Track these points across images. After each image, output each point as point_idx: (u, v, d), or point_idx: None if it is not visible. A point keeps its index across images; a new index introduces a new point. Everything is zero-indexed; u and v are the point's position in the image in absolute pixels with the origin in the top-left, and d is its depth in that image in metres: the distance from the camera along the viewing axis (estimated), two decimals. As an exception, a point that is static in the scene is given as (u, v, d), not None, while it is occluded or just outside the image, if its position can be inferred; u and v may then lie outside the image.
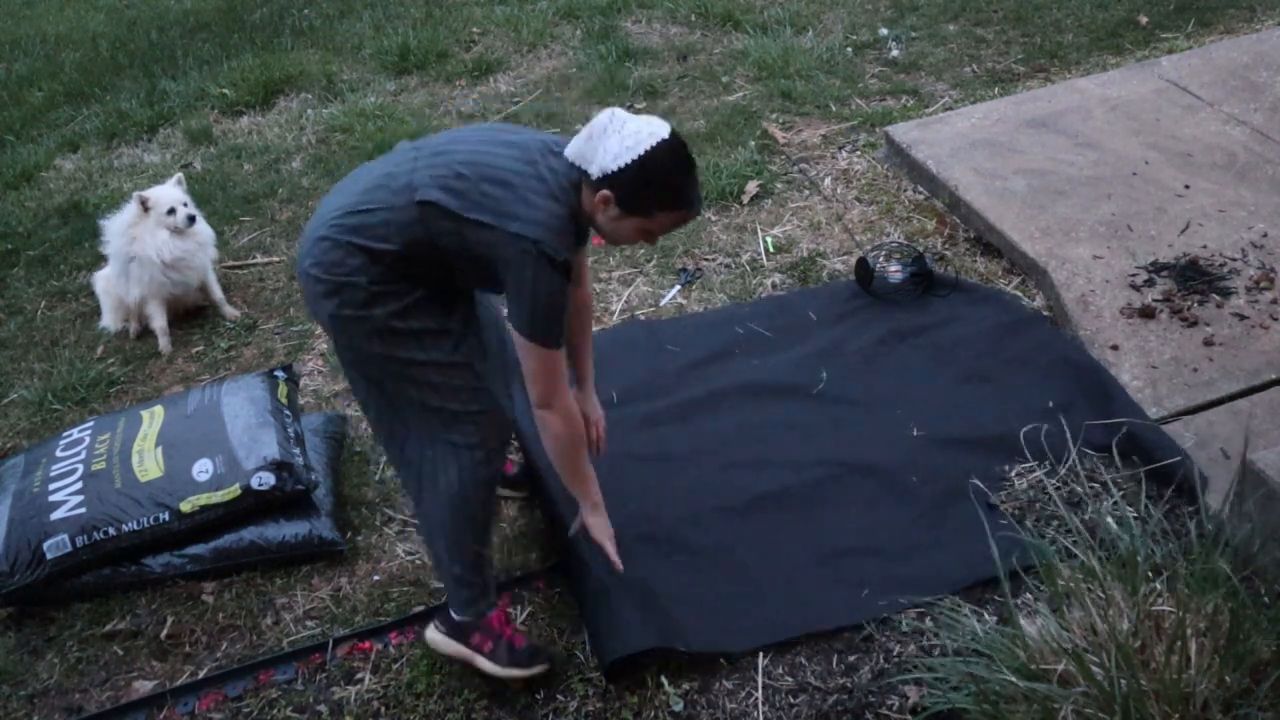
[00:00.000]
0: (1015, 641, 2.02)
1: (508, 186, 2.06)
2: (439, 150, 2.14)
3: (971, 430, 2.94)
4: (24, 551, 2.67)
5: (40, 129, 5.41)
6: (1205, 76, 4.33)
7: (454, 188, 2.07)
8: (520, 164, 2.09)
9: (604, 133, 2.06)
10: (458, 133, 2.23)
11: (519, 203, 2.05)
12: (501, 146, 2.13)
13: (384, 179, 2.14)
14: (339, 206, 2.15)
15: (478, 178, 2.07)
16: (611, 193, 2.08)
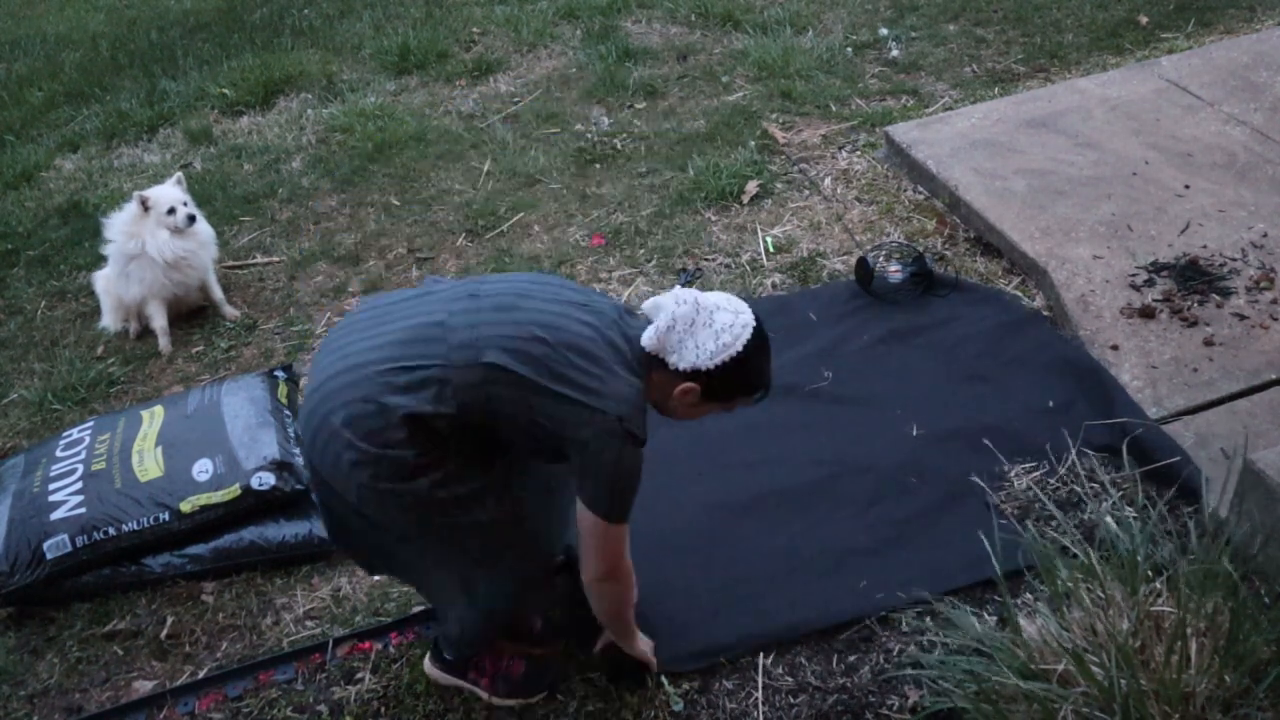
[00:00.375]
0: (1015, 641, 2.02)
1: (591, 358, 1.89)
2: (504, 305, 1.92)
3: (971, 430, 2.94)
4: (24, 551, 2.67)
5: (40, 129, 5.41)
6: (1205, 76, 4.33)
7: (530, 354, 1.86)
8: (595, 332, 1.92)
9: (692, 327, 1.92)
10: (517, 283, 2.00)
11: (603, 377, 1.88)
12: (574, 309, 1.94)
13: (435, 330, 1.89)
14: (383, 359, 1.88)
15: (558, 344, 1.87)
16: (698, 385, 1.96)
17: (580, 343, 1.89)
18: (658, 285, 3.69)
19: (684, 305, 1.94)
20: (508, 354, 1.85)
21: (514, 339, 1.87)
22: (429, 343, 1.88)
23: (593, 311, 1.96)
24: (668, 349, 1.94)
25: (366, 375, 1.87)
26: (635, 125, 4.73)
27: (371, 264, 3.99)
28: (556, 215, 4.16)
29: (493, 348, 1.86)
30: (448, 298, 1.96)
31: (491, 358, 1.85)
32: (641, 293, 3.66)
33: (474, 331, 1.88)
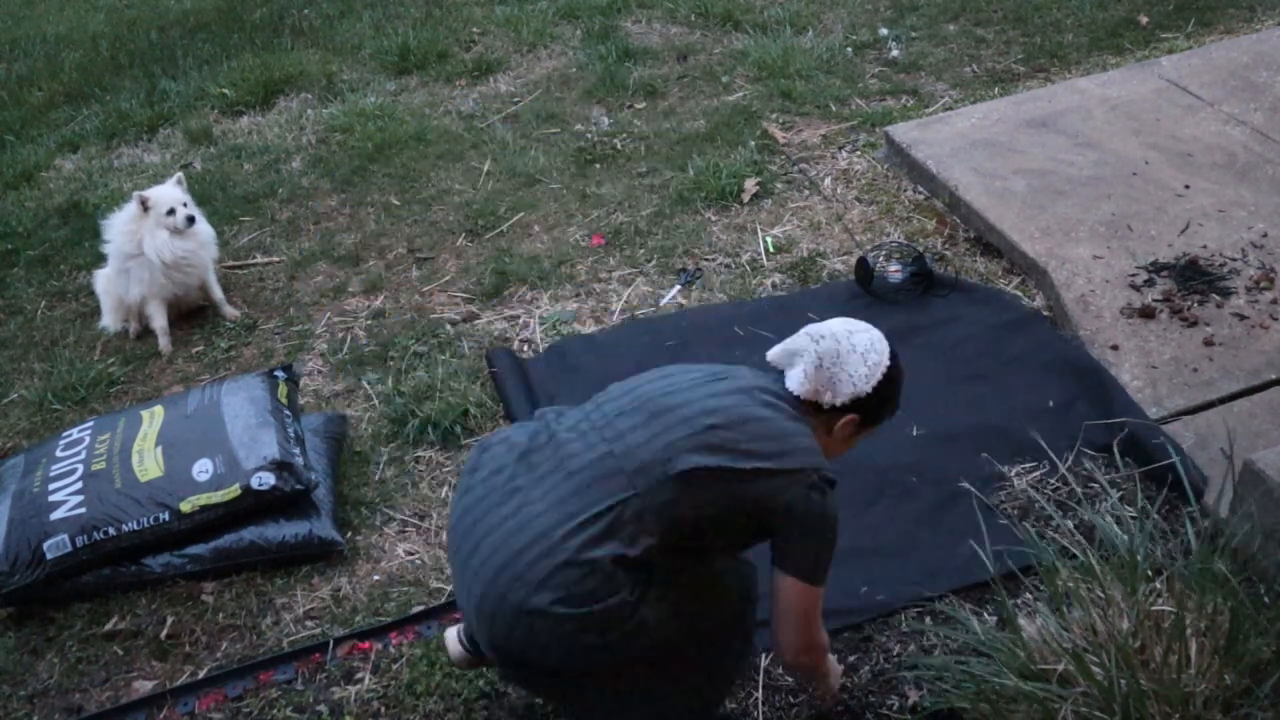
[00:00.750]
0: (1015, 642, 2.02)
1: (763, 424, 1.85)
2: (658, 410, 1.86)
3: (971, 430, 2.94)
4: (24, 551, 2.67)
5: (40, 129, 5.41)
6: (1205, 76, 4.33)
7: (712, 444, 1.80)
8: (749, 398, 1.89)
9: (838, 358, 1.92)
10: (650, 386, 1.94)
11: (782, 437, 1.85)
12: (717, 385, 1.91)
13: (607, 463, 1.81)
14: (566, 517, 1.78)
15: (731, 424, 1.83)
16: (858, 414, 1.96)
17: (746, 413, 1.86)
18: (658, 285, 3.69)
19: (824, 341, 1.93)
20: (694, 454, 1.80)
21: (690, 437, 1.81)
22: (606, 479, 1.81)
23: (733, 380, 1.93)
24: (822, 388, 1.93)
25: (555, 542, 1.76)
26: (635, 125, 4.73)
27: (371, 264, 3.99)
28: (556, 215, 4.16)
29: (676, 456, 1.80)
30: (591, 428, 1.89)
31: (681, 466, 1.79)
32: (641, 293, 3.66)
33: (649, 448, 1.81)
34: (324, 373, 3.49)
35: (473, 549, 1.84)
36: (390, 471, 3.06)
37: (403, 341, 3.54)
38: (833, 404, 1.94)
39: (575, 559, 1.75)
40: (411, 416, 3.17)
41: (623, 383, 2.00)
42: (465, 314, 3.66)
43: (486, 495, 1.88)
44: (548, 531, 1.77)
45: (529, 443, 1.92)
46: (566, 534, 1.76)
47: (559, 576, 1.75)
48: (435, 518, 2.90)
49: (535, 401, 3.16)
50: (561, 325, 3.54)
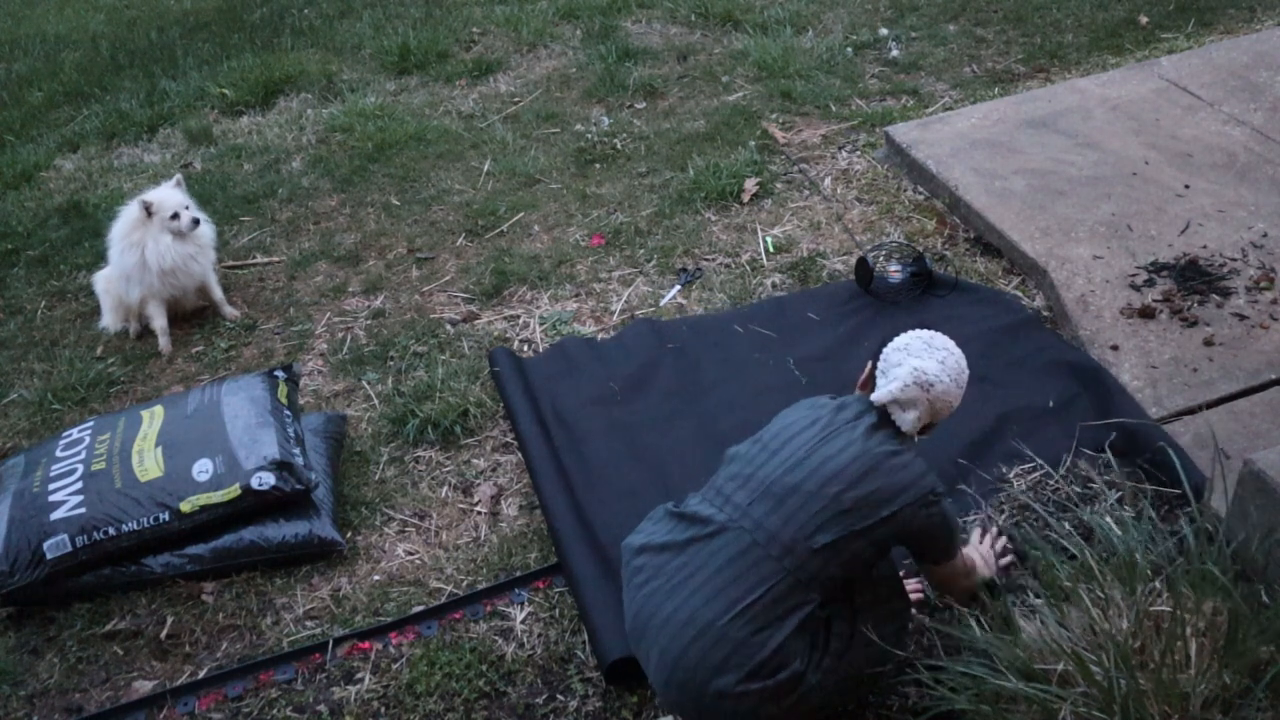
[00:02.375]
0: (1014, 642, 2.02)
1: (876, 470, 2.05)
2: (785, 493, 2.06)
3: (971, 430, 2.94)
4: (24, 551, 2.67)
5: (40, 129, 5.41)
6: (1205, 76, 4.33)
7: (842, 510, 2.02)
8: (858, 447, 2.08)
9: (946, 394, 2.16)
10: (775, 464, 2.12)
11: (895, 472, 2.06)
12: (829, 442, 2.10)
13: (753, 552, 2.03)
14: (728, 606, 2.00)
15: (853, 482, 2.03)
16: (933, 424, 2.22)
17: (862, 468, 2.04)
18: (658, 285, 3.69)
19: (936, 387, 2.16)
20: (829, 527, 2.01)
21: (821, 512, 2.01)
22: (756, 566, 2.02)
23: (838, 429, 2.12)
24: (930, 420, 2.19)
25: (722, 630, 1.99)
26: (635, 125, 4.73)
27: (371, 264, 3.99)
28: (556, 215, 4.16)
29: (814, 532, 2.01)
30: (729, 520, 2.08)
31: (821, 540, 2.00)
32: (641, 293, 3.66)
33: (788, 530, 2.02)
34: (324, 373, 3.49)
35: (650, 647, 2.09)
36: (390, 471, 3.06)
37: (403, 341, 3.54)
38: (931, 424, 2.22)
39: (746, 640, 1.97)
40: (411, 416, 3.17)
41: (742, 457, 2.19)
42: (465, 314, 3.66)
43: (651, 597, 2.10)
44: (710, 623, 1.99)
45: (678, 540, 2.13)
46: (730, 621, 1.98)
47: (736, 658, 1.97)
48: (435, 518, 2.90)
49: (535, 401, 3.16)
50: (561, 325, 3.54)
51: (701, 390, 3.18)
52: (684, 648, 2.01)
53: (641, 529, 2.25)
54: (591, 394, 3.18)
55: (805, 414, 2.21)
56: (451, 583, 2.71)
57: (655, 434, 3.04)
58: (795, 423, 2.19)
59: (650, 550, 2.16)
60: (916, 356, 2.19)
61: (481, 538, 2.83)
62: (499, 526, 2.85)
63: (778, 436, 2.17)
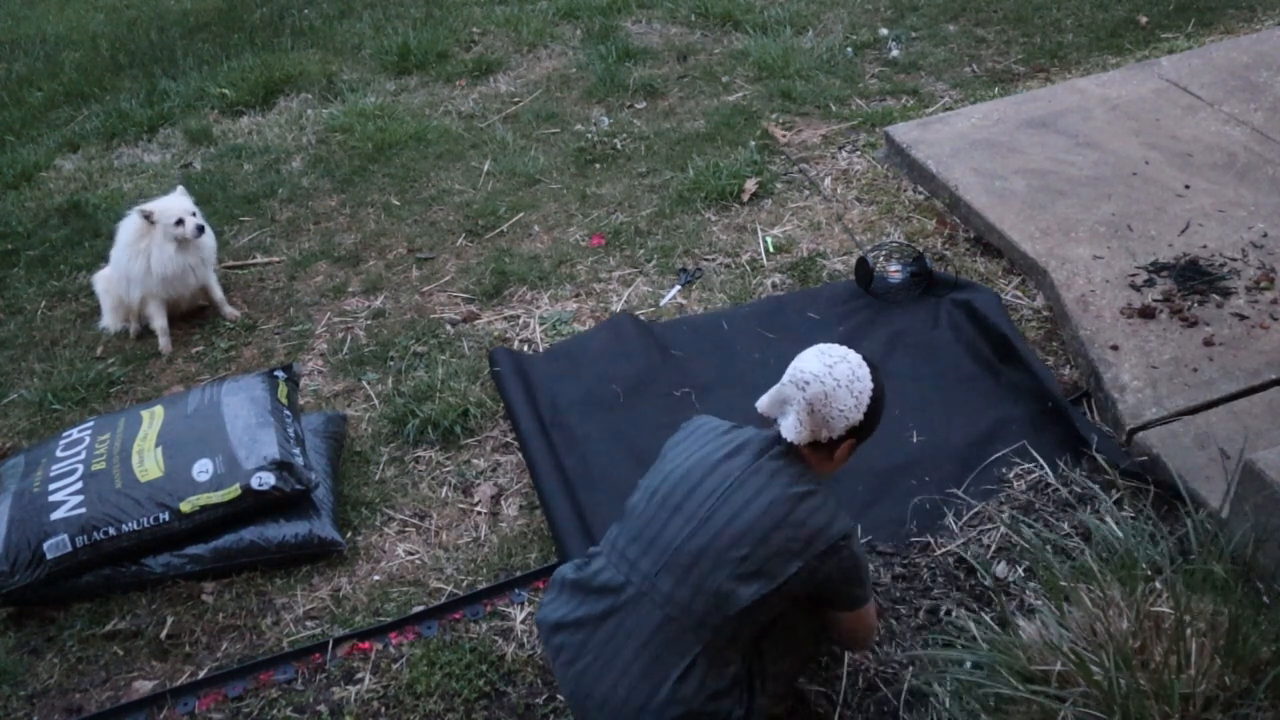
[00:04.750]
0: (1014, 643, 2.02)
1: (782, 525, 1.97)
2: (690, 562, 1.98)
3: (971, 431, 2.94)
4: (24, 551, 2.67)
5: (40, 129, 5.41)
6: (1205, 76, 4.33)
7: (750, 573, 1.95)
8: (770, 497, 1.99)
9: (827, 399, 2.03)
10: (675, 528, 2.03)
11: (802, 524, 1.97)
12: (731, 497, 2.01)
13: (666, 630, 1.98)
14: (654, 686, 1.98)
15: (758, 543, 1.96)
16: (854, 437, 2.09)
17: (766, 525, 1.97)
18: (658, 285, 3.69)
19: (810, 386, 2.04)
20: (740, 592, 1.95)
21: (731, 579, 1.95)
22: (675, 641, 1.98)
23: (740, 480, 2.03)
24: (818, 429, 2.04)
25: (659, 711, 1.96)
26: (635, 125, 4.73)
27: (371, 264, 3.99)
28: (556, 215, 4.16)
29: (725, 600, 1.95)
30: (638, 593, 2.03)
31: (735, 607, 1.95)
32: (641, 293, 3.66)
33: (700, 601, 1.96)
34: (324, 373, 3.49)
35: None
36: (390, 471, 3.06)
37: (403, 341, 3.54)
38: (830, 438, 2.06)
39: (684, 714, 1.95)
40: (411, 416, 3.17)
41: (641, 515, 2.10)
42: (465, 314, 3.66)
43: (582, 678, 2.06)
44: (645, 705, 1.97)
45: (594, 615, 2.08)
46: (664, 702, 1.96)
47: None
48: (435, 518, 2.90)
49: (535, 401, 3.15)
50: (561, 325, 3.54)
51: (701, 391, 3.18)
52: None
53: (549, 600, 2.18)
54: (592, 395, 3.18)
55: (701, 456, 2.10)
56: (451, 583, 2.71)
57: (654, 434, 3.03)
58: (693, 470, 2.08)
59: (567, 628, 2.11)
60: (801, 359, 2.10)
61: (481, 538, 2.83)
62: (499, 526, 2.85)
63: (676, 489, 2.07)
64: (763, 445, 2.09)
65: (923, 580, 2.57)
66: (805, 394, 2.03)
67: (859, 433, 2.08)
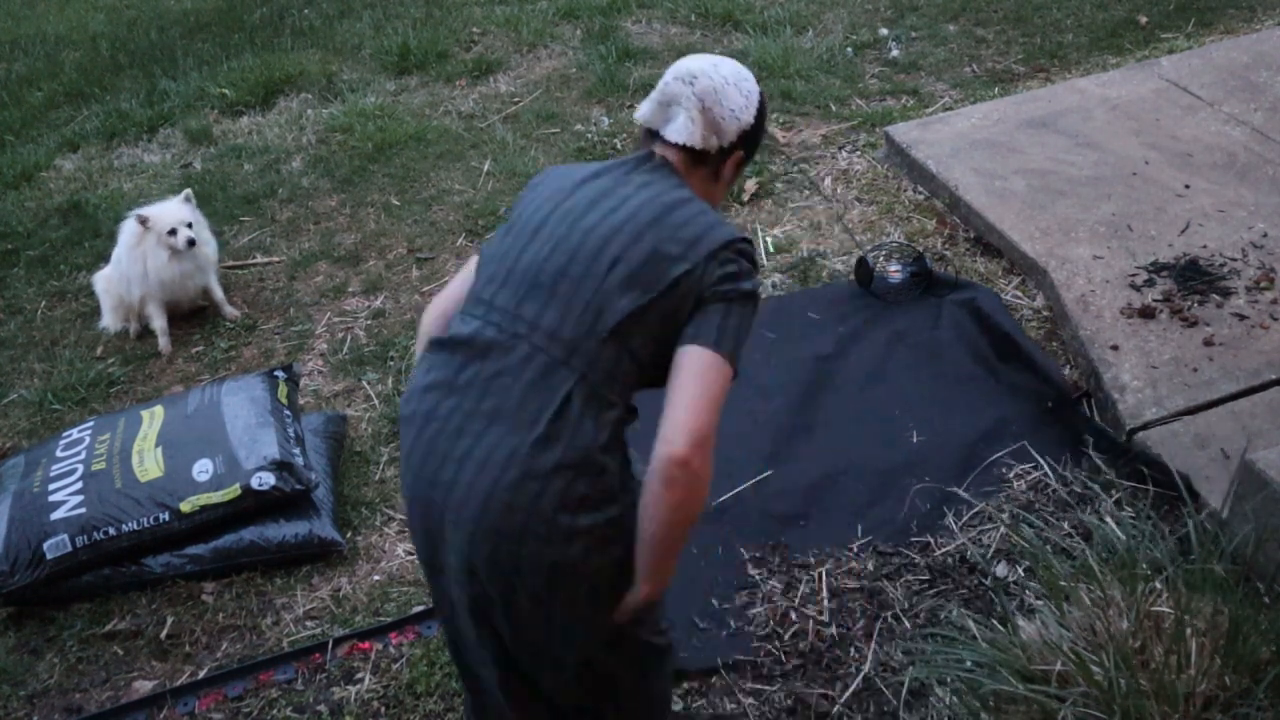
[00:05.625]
0: (1013, 642, 2.02)
1: (659, 223, 1.67)
2: (554, 280, 1.67)
3: (971, 431, 2.94)
4: (24, 551, 2.67)
5: (40, 129, 5.40)
6: (1205, 76, 4.33)
7: (626, 283, 1.65)
8: (633, 197, 1.71)
9: (718, 94, 1.76)
10: (535, 250, 1.72)
11: (685, 225, 1.68)
12: (596, 207, 1.71)
13: (533, 363, 1.65)
14: (526, 430, 1.62)
15: (630, 245, 1.66)
16: (744, 152, 1.82)
17: (639, 227, 1.67)
18: (658, 285, 3.69)
19: (699, 80, 1.76)
20: (613, 304, 1.64)
21: (601, 292, 1.64)
22: (547, 377, 1.65)
23: (608, 191, 1.73)
24: (708, 132, 1.77)
25: (529, 458, 1.62)
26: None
27: (371, 264, 3.99)
28: (556, 215, 4.15)
29: (599, 317, 1.64)
30: (500, 333, 1.70)
31: (609, 324, 1.64)
32: (641, 293, 3.66)
33: (568, 323, 1.65)
34: (324, 373, 3.49)
35: (444, 501, 1.69)
36: (390, 471, 3.06)
37: (403, 341, 3.54)
38: (720, 146, 1.79)
39: (561, 463, 1.62)
40: (411, 416, 3.16)
41: (495, 255, 1.79)
42: (465, 314, 3.66)
43: (428, 452, 1.71)
44: (514, 454, 1.63)
45: (447, 378, 1.73)
46: (538, 443, 1.62)
47: (555, 484, 1.61)
48: (435, 518, 2.90)
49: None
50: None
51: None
52: (489, 489, 1.63)
53: (413, 379, 1.81)
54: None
55: (557, 186, 1.79)
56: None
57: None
58: (547, 201, 1.77)
59: (416, 397, 1.75)
60: (679, 63, 1.81)
61: (481, 538, 2.83)
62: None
63: (532, 218, 1.76)
64: (631, 163, 1.78)
65: (923, 580, 2.57)
66: (694, 89, 1.75)
67: (748, 142, 1.82)
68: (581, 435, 1.64)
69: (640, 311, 1.64)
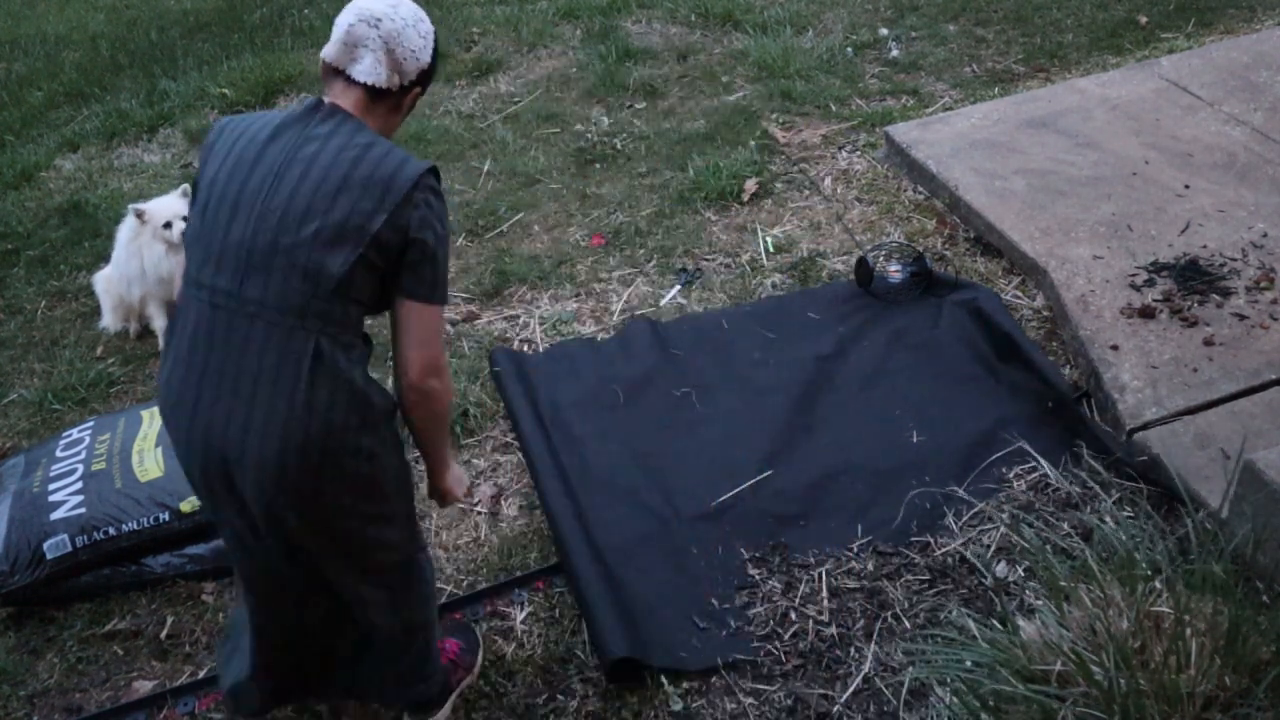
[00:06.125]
0: (1013, 642, 2.02)
1: (349, 182, 1.80)
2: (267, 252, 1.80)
3: (971, 431, 2.94)
4: (24, 551, 2.67)
5: (40, 129, 5.41)
6: (1205, 76, 4.33)
7: (335, 238, 1.79)
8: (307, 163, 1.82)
9: (400, 35, 1.88)
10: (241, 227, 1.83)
11: (374, 174, 1.80)
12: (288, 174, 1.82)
13: (273, 333, 1.81)
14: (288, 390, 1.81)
15: (321, 200, 1.79)
16: (421, 85, 1.97)
17: (332, 185, 1.80)
18: (658, 285, 3.69)
19: (382, 23, 1.87)
20: (328, 267, 1.79)
21: (315, 249, 1.78)
22: (287, 340, 1.81)
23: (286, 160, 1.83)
24: (392, 72, 1.90)
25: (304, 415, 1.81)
26: (635, 125, 4.73)
27: (371, 264, 3.99)
28: (556, 215, 4.16)
29: (320, 274, 1.79)
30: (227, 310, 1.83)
31: (331, 280, 1.79)
32: (641, 293, 3.66)
33: (295, 293, 1.79)
34: (324, 373, 3.48)
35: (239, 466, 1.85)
36: (390, 471, 3.06)
37: (403, 341, 3.54)
38: (402, 85, 1.93)
39: (333, 403, 1.82)
40: (411, 416, 3.16)
41: (199, 238, 1.88)
42: (465, 314, 3.66)
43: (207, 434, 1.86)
44: (290, 413, 1.80)
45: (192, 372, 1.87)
46: (303, 404, 1.80)
47: (336, 418, 1.82)
48: (435, 518, 2.90)
49: (536, 402, 3.16)
50: (561, 325, 3.54)
51: (701, 391, 3.18)
52: (280, 448, 1.80)
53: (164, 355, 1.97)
54: (592, 395, 3.18)
55: (241, 148, 1.88)
56: (451, 583, 2.71)
57: (655, 435, 3.04)
58: (237, 166, 1.86)
59: (176, 387, 1.90)
60: (356, 4, 1.91)
61: (481, 538, 2.83)
62: (499, 526, 2.85)
63: (226, 192, 1.85)
64: (305, 113, 1.88)
65: (923, 580, 2.57)
66: (379, 31, 1.86)
67: (425, 79, 1.97)
68: (339, 379, 1.83)
69: (353, 267, 1.80)
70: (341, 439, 1.84)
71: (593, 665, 2.45)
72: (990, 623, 2.24)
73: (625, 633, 2.40)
